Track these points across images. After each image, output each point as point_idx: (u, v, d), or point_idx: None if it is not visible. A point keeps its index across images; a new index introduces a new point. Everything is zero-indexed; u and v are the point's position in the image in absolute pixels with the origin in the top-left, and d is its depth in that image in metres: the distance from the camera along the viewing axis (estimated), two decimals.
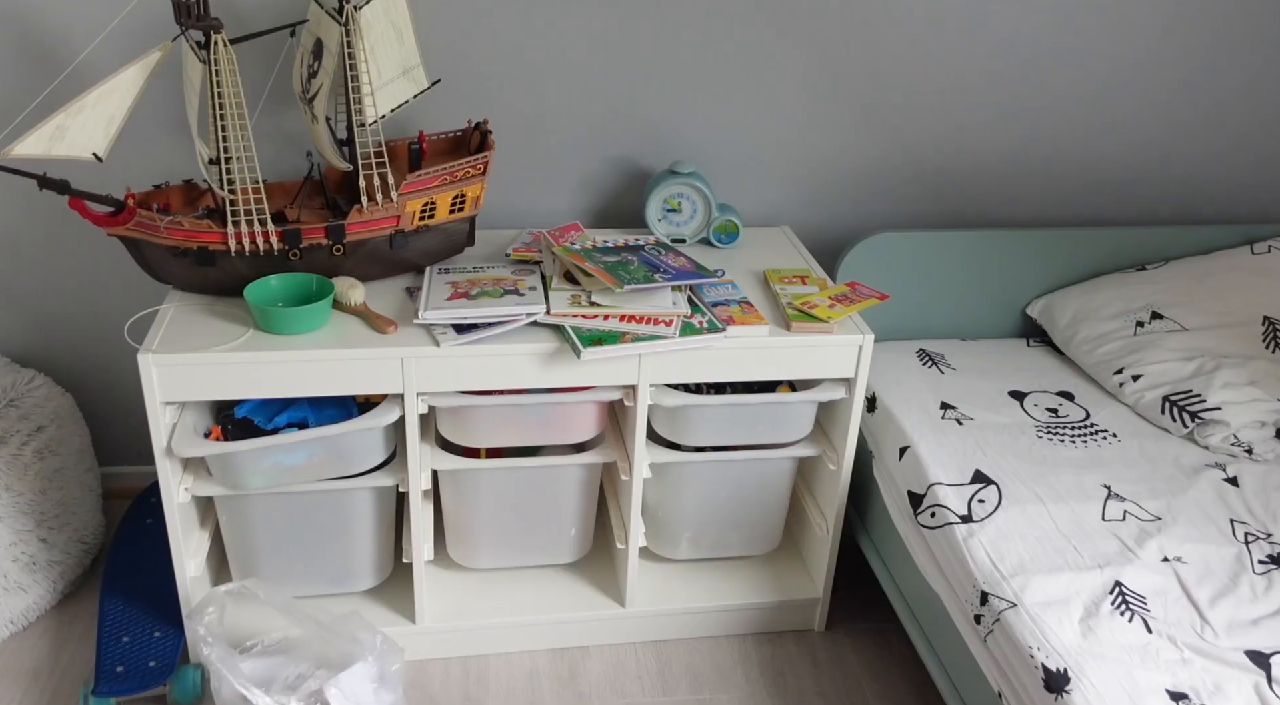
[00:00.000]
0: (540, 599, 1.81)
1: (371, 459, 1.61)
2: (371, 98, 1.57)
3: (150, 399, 1.46)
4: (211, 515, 1.70)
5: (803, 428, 1.73)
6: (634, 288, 1.58)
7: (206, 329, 1.52)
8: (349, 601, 1.76)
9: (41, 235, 1.83)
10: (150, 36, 1.48)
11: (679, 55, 1.85)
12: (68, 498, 1.83)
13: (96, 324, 1.93)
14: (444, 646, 1.77)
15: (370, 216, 1.59)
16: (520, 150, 1.89)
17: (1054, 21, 1.91)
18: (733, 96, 1.90)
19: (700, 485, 1.76)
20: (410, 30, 1.60)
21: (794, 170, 1.99)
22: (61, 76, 1.52)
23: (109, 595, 1.78)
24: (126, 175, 1.62)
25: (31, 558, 1.75)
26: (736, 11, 1.83)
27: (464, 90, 1.81)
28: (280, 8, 1.66)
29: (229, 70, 1.46)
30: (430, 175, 1.60)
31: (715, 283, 1.69)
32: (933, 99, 1.96)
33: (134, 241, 1.55)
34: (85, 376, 1.98)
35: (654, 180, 1.87)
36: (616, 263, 1.64)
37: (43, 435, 1.80)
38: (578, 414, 1.66)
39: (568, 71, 1.84)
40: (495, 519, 1.76)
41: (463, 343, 1.51)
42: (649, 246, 1.75)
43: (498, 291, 1.60)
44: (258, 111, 1.66)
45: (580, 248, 1.68)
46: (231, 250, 1.55)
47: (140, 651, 1.68)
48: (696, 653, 1.82)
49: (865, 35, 1.88)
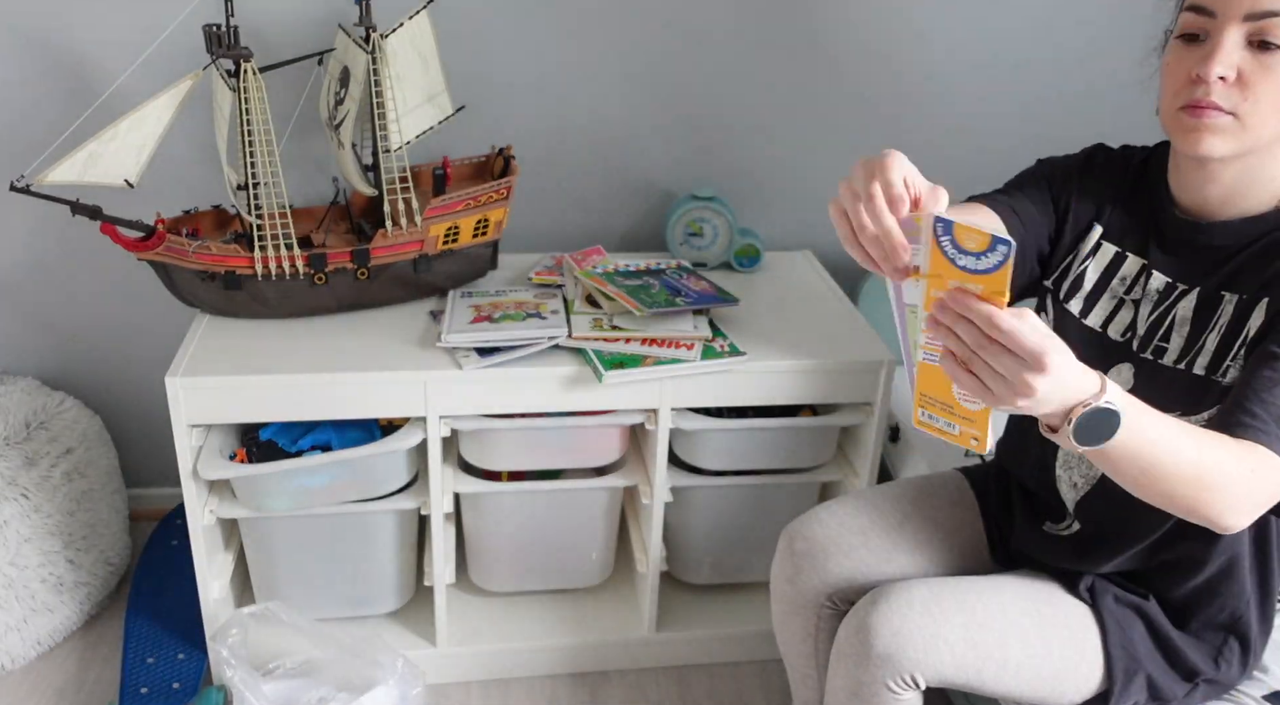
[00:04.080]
0: (561, 623, 1.81)
1: (394, 482, 1.61)
2: (397, 124, 1.59)
3: (177, 421, 1.48)
4: (236, 537, 1.71)
5: (825, 452, 1.72)
6: (656, 311, 1.58)
7: (233, 352, 1.54)
8: (371, 624, 1.77)
9: (73, 260, 1.86)
10: (181, 66, 1.51)
11: (700, 80, 1.87)
12: (95, 519, 1.85)
13: (125, 347, 1.96)
14: (465, 670, 1.77)
15: (395, 241, 1.61)
16: (543, 175, 1.90)
17: (1078, 42, 1.91)
18: (754, 121, 1.91)
19: (722, 509, 1.75)
20: (435, 57, 1.63)
21: (816, 194, 1.99)
22: (95, 105, 1.55)
23: (134, 616, 1.80)
24: (157, 201, 1.64)
25: (59, 579, 1.77)
26: (757, 36, 1.84)
27: (488, 116, 1.83)
28: (308, 37, 1.69)
29: (258, 98, 1.49)
30: (454, 200, 1.62)
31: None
32: (957, 126, 1.96)
33: (163, 266, 1.57)
34: (114, 399, 2.00)
35: (675, 204, 1.88)
36: (638, 286, 1.65)
37: (71, 457, 1.82)
38: (599, 437, 1.66)
39: (590, 98, 1.85)
40: (517, 542, 1.76)
41: (485, 366, 1.52)
42: (670, 271, 1.76)
43: (520, 315, 1.61)
44: (285, 138, 1.68)
45: (602, 272, 1.69)
46: (258, 274, 1.57)
47: (164, 673, 1.69)
48: (718, 678, 1.81)
49: (888, 60, 1.89)
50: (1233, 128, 1.01)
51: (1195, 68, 1.01)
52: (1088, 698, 1.21)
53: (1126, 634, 1.20)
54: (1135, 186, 1.20)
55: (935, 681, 1.18)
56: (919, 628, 1.16)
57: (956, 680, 1.18)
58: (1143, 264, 1.17)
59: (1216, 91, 1.00)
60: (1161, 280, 1.15)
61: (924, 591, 1.20)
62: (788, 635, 1.41)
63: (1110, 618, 1.20)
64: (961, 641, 1.17)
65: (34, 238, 1.84)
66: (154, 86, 1.47)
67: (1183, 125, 1.04)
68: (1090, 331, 1.20)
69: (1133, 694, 1.20)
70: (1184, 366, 1.11)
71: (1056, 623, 1.20)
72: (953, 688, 1.21)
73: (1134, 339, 1.16)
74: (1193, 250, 1.13)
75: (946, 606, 1.18)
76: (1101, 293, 1.20)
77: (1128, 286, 1.18)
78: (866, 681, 1.19)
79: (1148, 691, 1.20)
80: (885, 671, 1.17)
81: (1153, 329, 1.15)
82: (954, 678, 1.18)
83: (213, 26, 1.46)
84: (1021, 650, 1.18)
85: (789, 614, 1.39)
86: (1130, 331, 1.17)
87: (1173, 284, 1.14)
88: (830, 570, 1.33)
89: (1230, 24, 0.99)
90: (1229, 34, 0.99)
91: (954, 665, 1.17)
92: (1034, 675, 1.18)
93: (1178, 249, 1.14)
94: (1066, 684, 1.19)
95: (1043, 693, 1.20)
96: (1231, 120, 1.01)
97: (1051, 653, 1.19)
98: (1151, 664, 1.20)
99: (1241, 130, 1.01)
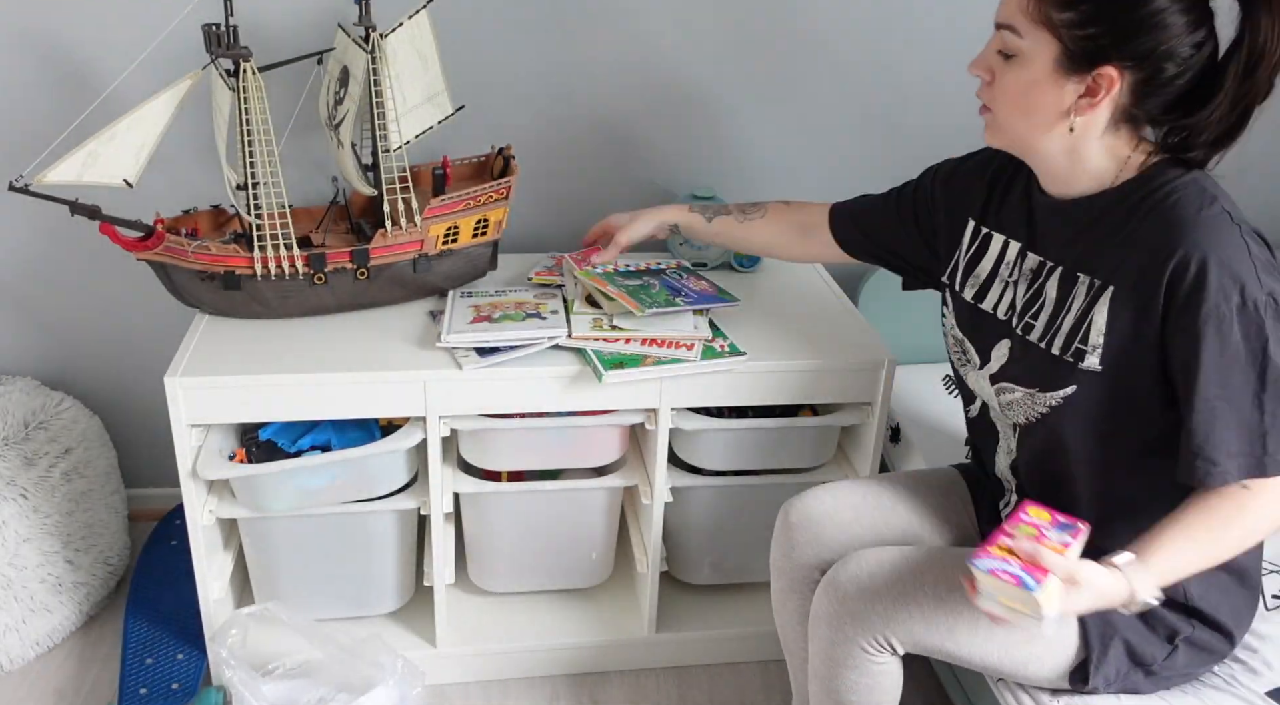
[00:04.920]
0: (561, 624, 1.81)
1: (394, 482, 1.61)
2: (396, 124, 1.59)
3: (176, 421, 1.48)
4: (235, 538, 1.71)
5: (825, 452, 1.72)
6: (655, 311, 1.58)
7: (232, 352, 1.53)
8: (370, 624, 1.76)
9: (72, 260, 1.86)
10: (180, 65, 1.51)
11: (700, 80, 1.86)
12: (94, 519, 1.85)
13: (125, 347, 1.96)
14: (464, 670, 1.77)
15: (394, 241, 1.61)
16: (543, 175, 1.90)
17: None
18: (753, 120, 1.91)
19: (722, 509, 1.75)
20: (435, 57, 1.62)
21: (815, 194, 1.99)
22: (94, 105, 1.55)
23: (133, 617, 1.79)
24: (156, 201, 1.64)
25: (58, 579, 1.77)
26: (757, 37, 1.84)
27: (487, 116, 1.83)
28: (307, 36, 1.69)
29: (257, 98, 1.49)
30: (454, 200, 1.62)
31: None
32: (957, 123, 1.96)
33: (162, 266, 1.57)
34: (113, 399, 2.00)
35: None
36: (638, 286, 1.65)
37: (71, 457, 1.82)
38: (599, 437, 1.66)
39: (589, 98, 1.85)
40: (516, 542, 1.75)
41: (485, 366, 1.52)
42: (670, 270, 1.76)
43: (520, 315, 1.60)
44: (284, 138, 1.68)
45: (602, 272, 1.69)
46: (258, 274, 1.57)
47: (163, 673, 1.68)
48: (719, 679, 1.81)
49: (890, 60, 1.89)
50: (990, 121, 1.20)
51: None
52: (1067, 667, 1.22)
53: None
54: (1013, 176, 1.31)
55: (909, 644, 1.21)
56: (888, 585, 1.20)
57: (929, 642, 1.20)
58: (1020, 246, 1.27)
59: (981, 89, 1.19)
60: (1035, 259, 1.24)
61: (894, 553, 1.25)
62: (786, 616, 1.43)
63: None
64: (930, 598, 1.19)
65: (33, 238, 1.84)
66: (154, 86, 1.47)
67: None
68: (982, 313, 1.31)
69: (1111, 660, 1.20)
70: (1044, 345, 1.19)
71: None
72: (928, 652, 1.22)
73: (1013, 317, 1.25)
74: (1056, 228, 1.22)
75: (917, 566, 1.22)
76: (994, 279, 1.30)
77: (1010, 269, 1.28)
78: (839, 642, 1.22)
79: (1127, 656, 1.21)
80: (857, 630, 1.20)
81: (1026, 306, 1.23)
82: (926, 639, 1.20)
83: (212, 26, 1.46)
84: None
85: (786, 591, 1.41)
86: (1011, 310, 1.27)
87: (1043, 262, 1.23)
88: (824, 543, 1.36)
89: (996, 28, 1.15)
90: (994, 37, 1.16)
91: (925, 624, 1.19)
92: (1006, 636, 1.20)
93: (1046, 229, 1.24)
94: (1042, 650, 1.21)
95: (1019, 656, 1.21)
96: (988, 114, 1.19)
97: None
98: (1128, 628, 1.21)
99: (993, 121, 1.19)
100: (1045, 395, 1.19)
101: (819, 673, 1.27)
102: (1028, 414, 1.23)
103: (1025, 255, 1.25)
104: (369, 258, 1.60)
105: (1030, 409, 1.23)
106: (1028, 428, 1.25)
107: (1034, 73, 1.11)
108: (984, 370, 1.30)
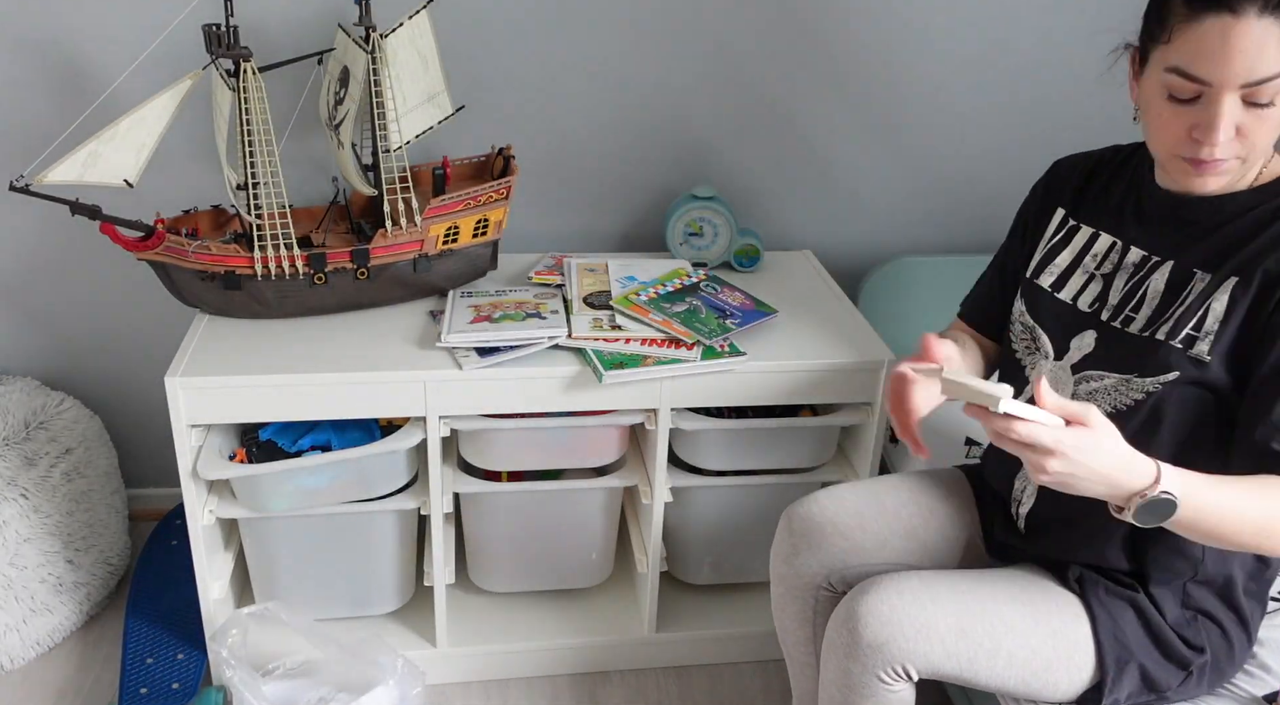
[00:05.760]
0: (561, 623, 1.81)
1: (394, 482, 1.61)
2: (396, 124, 1.59)
3: (176, 421, 1.48)
4: (235, 538, 1.71)
5: (825, 452, 1.72)
6: (716, 341, 1.57)
7: (233, 352, 1.53)
8: (370, 624, 1.77)
9: (72, 260, 1.86)
10: (181, 66, 1.51)
11: (701, 80, 1.87)
12: (95, 519, 1.85)
13: (125, 347, 1.96)
14: (465, 670, 1.77)
15: (394, 241, 1.61)
16: (543, 175, 1.90)
17: (1078, 45, 1.91)
18: (754, 121, 1.91)
19: (722, 509, 1.75)
20: (435, 57, 1.63)
21: (816, 194, 1.99)
22: (94, 105, 1.56)
23: (134, 617, 1.80)
24: (156, 201, 1.65)
25: (59, 579, 1.77)
26: (757, 37, 1.84)
27: (487, 116, 1.83)
28: (307, 36, 1.69)
29: (257, 98, 1.49)
30: (454, 200, 1.62)
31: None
32: (957, 123, 1.96)
33: (162, 266, 1.57)
34: (113, 399, 2.00)
35: (675, 204, 1.88)
36: (687, 313, 1.64)
37: (71, 457, 1.82)
38: (599, 437, 1.66)
39: (590, 97, 1.85)
40: (516, 542, 1.75)
41: (485, 366, 1.52)
42: (703, 284, 1.74)
43: (520, 315, 1.61)
44: (285, 138, 1.68)
45: (644, 299, 1.67)
46: (258, 274, 1.57)
47: (164, 673, 1.68)
48: (719, 679, 1.81)
49: (888, 59, 1.89)
50: (1236, 167, 1.10)
51: (1196, 132, 1.07)
52: (1081, 690, 1.22)
53: (1117, 624, 1.21)
54: (1117, 171, 1.29)
55: (927, 672, 1.19)
56: (909, 617, 1.17)
57: (948, 670, 1.19)
58: (1113, 241, 1.25)
59: (1221, 149, 1.07)
60: (1138, 254, 1.22)
61: (914, 581, 1.21)
62: (786, 620, 1.42)
63: (1100, 608, 1.21)
64: (952, 630, 1.17)
65: (33, 238, 1.84)
66: (154, 86, 1.47)
67: (1183, 170, 1.11)
68: (1062, 304, 1.28)
69: (1125, 684, 1.20)
70: (1148, 334, 1.18)
71: (1047, 613, 1.21)
72: (945, 679, 1.21)
73: (1102, 309, 1.23)
74: (1172, 225, 1.19)
75: (937, 595, 1.19)
76: (1074, 270, 1.28)
77: (1099, 262, 1.26)
78: (857, 672, 1.19)
79: (1141, 682, 1.21)
80: (875, 661, 1.18)
81: (1125, 300, 1.21)
82: (945, 667, 1.18)
83: (212, 26, 1.46)
84: (1012, 639, 1.18)
85: (787, 597, 1.40)
86: (1099, 302, 1.24)
87: (1148, 257, 1.20)
88: (827, 551, 1.34)
89: (1226, 92, 1.04)
90: (1227, 102, 1.04)
91: (944, 654, 1.17)
92: (1025, 665, 1.19)
93: (1157, 223, 1.21)
94: (1059, 675, 1.20)
95: (1035, 684, 1.20)
96: (1237, 162, 1.10)
97: (1043, 642, 1.19)
98: (1144, 654, 1.21)
99: (1242, 165, 1.11)
100: (1143, 380, 1.16)
101: (832, 699, 1.25)
102: (1116, 401, 1.19)
103: (1127, 250, 1.23)
104: (369, 258, 1.61)
105: (1123, 395, 1.19)
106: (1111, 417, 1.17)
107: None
108: (1063, 361, 1.25)
